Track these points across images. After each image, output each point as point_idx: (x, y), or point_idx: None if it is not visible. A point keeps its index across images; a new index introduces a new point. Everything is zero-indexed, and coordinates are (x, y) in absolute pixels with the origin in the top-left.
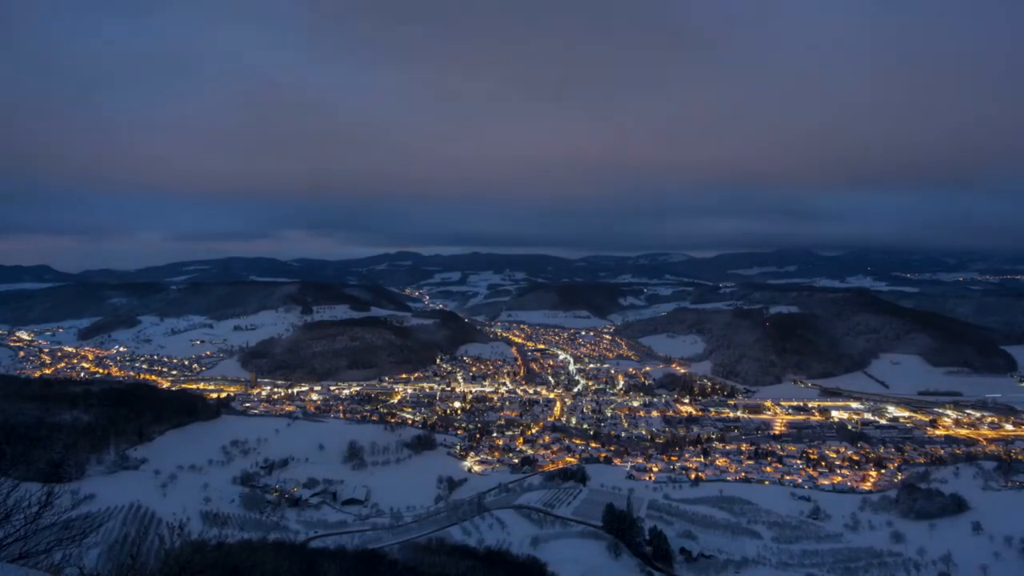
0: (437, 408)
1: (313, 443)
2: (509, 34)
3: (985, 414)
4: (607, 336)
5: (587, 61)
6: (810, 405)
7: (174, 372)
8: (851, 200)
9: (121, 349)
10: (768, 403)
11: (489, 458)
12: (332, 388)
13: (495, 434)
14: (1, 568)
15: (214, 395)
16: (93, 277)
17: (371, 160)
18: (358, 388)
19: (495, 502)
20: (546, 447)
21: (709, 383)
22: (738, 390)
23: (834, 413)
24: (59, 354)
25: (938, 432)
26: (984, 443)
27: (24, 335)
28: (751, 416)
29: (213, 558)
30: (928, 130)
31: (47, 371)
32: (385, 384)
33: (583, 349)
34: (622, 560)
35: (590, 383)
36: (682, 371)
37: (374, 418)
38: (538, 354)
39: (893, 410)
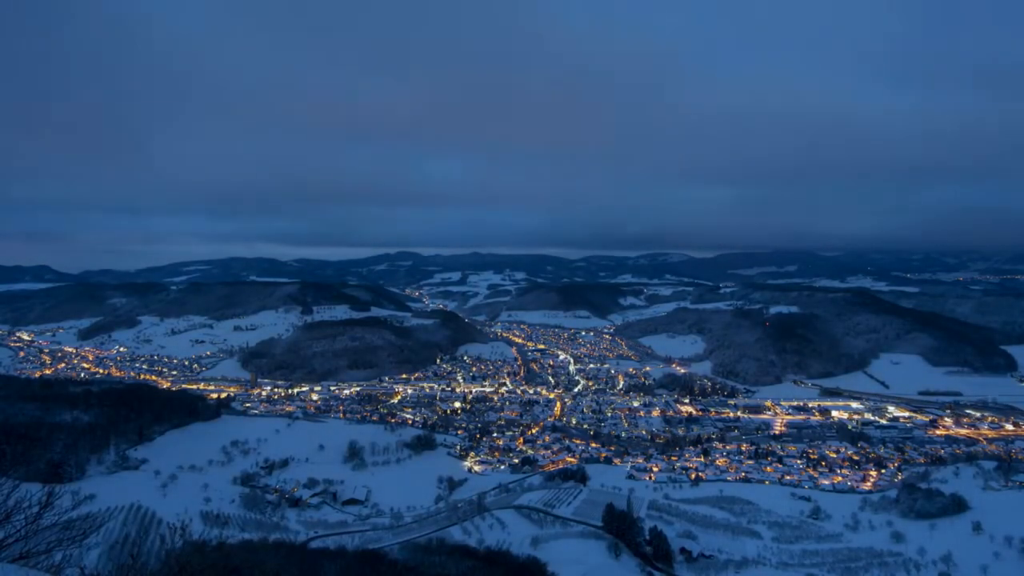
0: (437, 408)
1: (313, 443)
2: None
3: (985, 414)
4: (607, 336)
5: None
6: (810, 405)
7: (174, 372)
8: None
9: (121, 349)
10: (768, 403)
11: (489, 458)
12: (332, 388)
13: (495, 434)
14: (1, 568)
15: (214, 395)
16: (93, 277)
17: None
18: (358, 388)
19: (495, 502)
20: (546, 447)
21: (709, 383)
22: (738, 390)
23: (834, 413)
24: (59, 354)
25: (938, 432)
26: (984, 443)
27: (24, 335)
28: (751, 416)
29: (213, 558)
30: None
31: (47, 371)
32: (385, 384)
33: (583, 349)
34: (622, 560)
35: (590, 383)
36: (682, 371)
37: (374, 418)
38: (538, 354)
39: (893, 410)
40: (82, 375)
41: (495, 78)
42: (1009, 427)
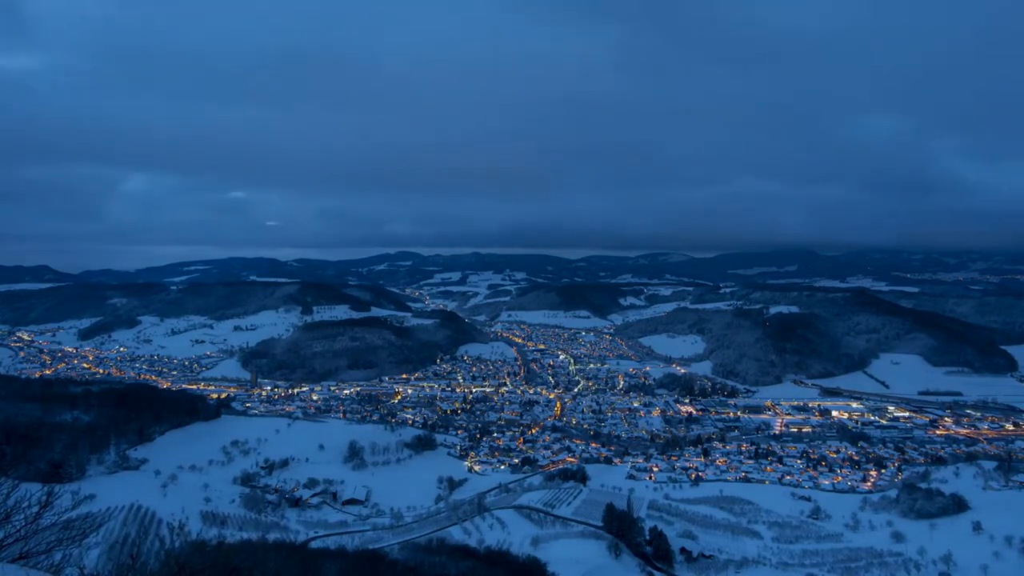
0: (437, 408)
1: (313, 443)
2: None
3: (985, 414)
4: (607, 336)
5: None
6: (810, 405)
7: (174, 372)
8: None
9: (121, 349)
10: (768, 403)
11: (489, 458)
12: (332, 388)
13: (495, 434)
14: (1, 568)
15: (214, 395)
16: (93, 277)
17: None
18: (358, 388)
19: (495, 502)
20: (546, 447)
21: (709, 383)
22: (738, 390)
23: (834, 413)
24: (59, 354)
25: (938, 432)
26: (984, 443)
27: (24, 335)
28: (751, 416)
29: (213, 558)
30: None
31: (47, 371)
32: (385, 384)
33: (583, 349)
34: (622, 560)
35: (590, 383)
36: (682, 371)
37: (374, 418)
38: (538, 354)
39: (893, 410)
40: (82, 375)
41: None
42: (1009, 427)
